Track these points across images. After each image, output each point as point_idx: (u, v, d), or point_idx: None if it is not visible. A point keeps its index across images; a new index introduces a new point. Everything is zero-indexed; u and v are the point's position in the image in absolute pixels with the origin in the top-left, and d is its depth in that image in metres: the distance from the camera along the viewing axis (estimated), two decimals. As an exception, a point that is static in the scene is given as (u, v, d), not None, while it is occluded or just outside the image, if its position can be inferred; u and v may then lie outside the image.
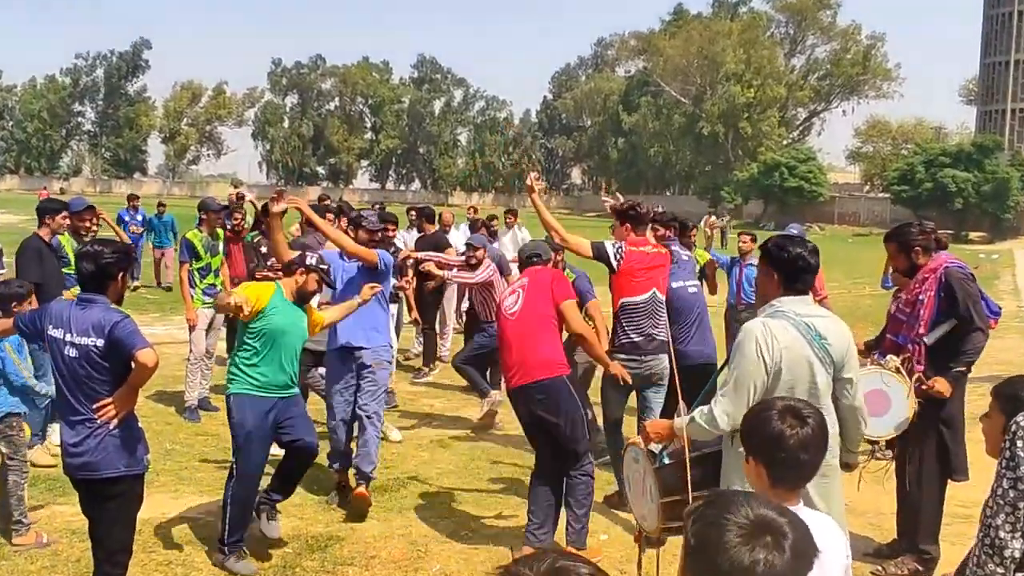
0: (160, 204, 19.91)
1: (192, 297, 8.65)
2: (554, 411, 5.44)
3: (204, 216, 9.06)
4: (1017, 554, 2.36)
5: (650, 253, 6.48)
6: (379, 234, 6.91)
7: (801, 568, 1.69)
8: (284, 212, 6.16)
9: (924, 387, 5.25)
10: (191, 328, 8.72)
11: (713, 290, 9.49)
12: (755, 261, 10.21)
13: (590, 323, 6.87)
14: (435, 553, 5.62)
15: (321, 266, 5.70)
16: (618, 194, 7.47)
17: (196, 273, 8.74)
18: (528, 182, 6.74)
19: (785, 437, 2.52)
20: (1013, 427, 2.38)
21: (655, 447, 4.29)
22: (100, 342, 4.09)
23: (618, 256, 6.29)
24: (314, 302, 5.86)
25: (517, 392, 5.60)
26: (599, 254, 6.30)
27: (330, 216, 8.89)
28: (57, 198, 6.14)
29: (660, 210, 8.34)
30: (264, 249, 8.98)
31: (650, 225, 6.96)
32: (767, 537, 1.67)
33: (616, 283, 6.39)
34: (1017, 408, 2.81)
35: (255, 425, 5.33)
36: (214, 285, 8.83)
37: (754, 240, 10.43)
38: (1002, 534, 2.35)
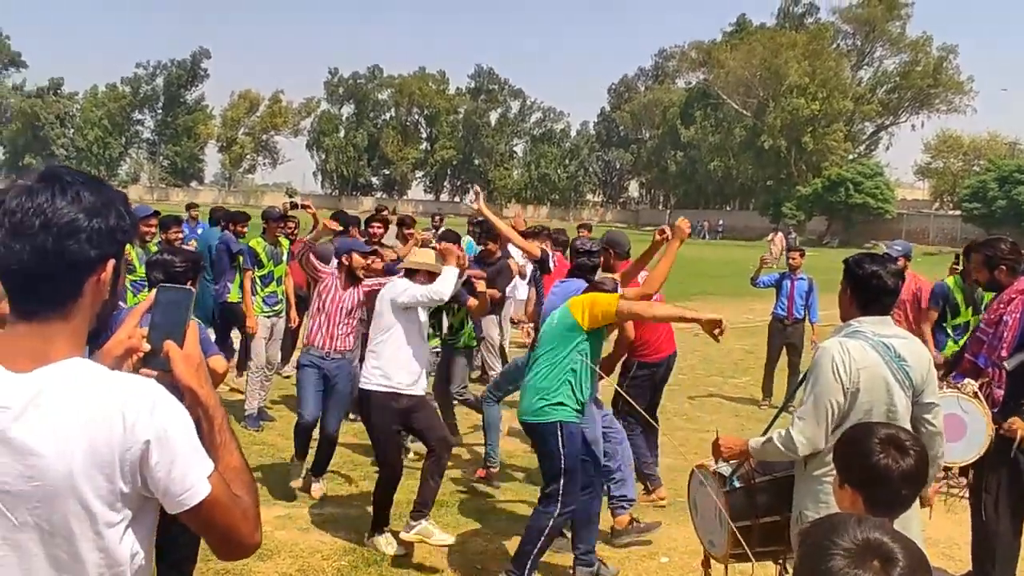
0: (190, 205, 17.33)
1: (253, 304, 8.82)
2: None
3: (266, 225, 9.25)
4: None
5: (564, 260, 8.08)
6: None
7: None
8: None
9: (1003, 431, 5.15)
10: (251, 336, 8.86)
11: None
12: (805, 276, 10.47)
13: None
14: (492, 571, 5.64)
15: None
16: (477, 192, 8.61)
17: (258, 281, 8.90)
18: (472, 198, 8.19)
19: (890, 471, 2.51)
20: None
21: (725, 470, 4.26)
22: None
23: (553, 260, 7.80)
24: None
25: (667, 360, 7.26)
26: (543, 257, 7.54)
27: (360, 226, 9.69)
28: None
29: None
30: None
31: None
32: (874, 561, 1.65)
33: (549, 283, 7.22)
34: None
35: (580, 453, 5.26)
36: (275, 294, 8.97)
37: (802, 255, 11.03)
38: None
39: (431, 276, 6.03)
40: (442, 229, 14.78)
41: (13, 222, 1.65)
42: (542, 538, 5.11)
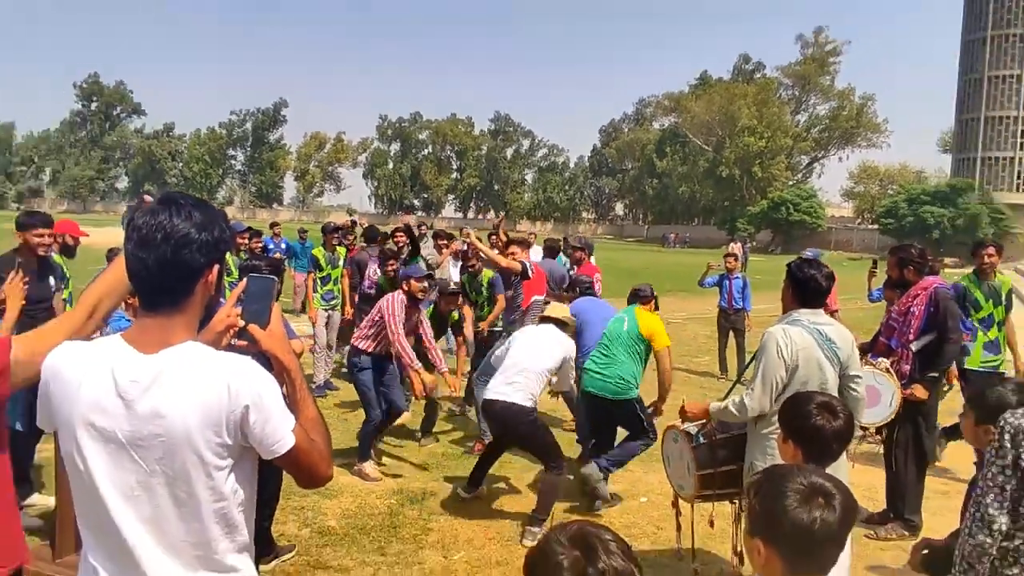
0: (302, 230, 15.74)
1: (314, 299, 8.88)
2: None
3: (324, 237, 9.33)
4: (1004, 527, 2.27)
5: (540, 269, 7.84)
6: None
7: (849, 521, 1.67)
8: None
9: (905, 394, 5.16)
10: (313, 324, 8.91)
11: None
12: (740, 275, 10.57)
13: None
14: (510, 510, 5.65)
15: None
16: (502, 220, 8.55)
17: (318, 281, 8.97)
18: (466, 236, 7.95)
19: (824, 430, 2.51)
20: (1001, 423, 2.28)
21: (692, 428, 4.26)
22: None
23: (531, 267, 7.38)
24: None
25: None
26: (524, 268, 7.22)
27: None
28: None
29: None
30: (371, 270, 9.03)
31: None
32: (820, 499, 1.66)
33: (528, 286, 7.39)
34: (982, 410, 2.74)
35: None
36: (331, 291, 9.01)
37: (737, 260, 11.09)
38: (991, 510, 2.25)
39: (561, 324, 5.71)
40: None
41: (140, 236, 1.68)
42: (639, 452, 5.80)
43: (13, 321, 3.75)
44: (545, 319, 5.78)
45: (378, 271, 8.73)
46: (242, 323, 1.85)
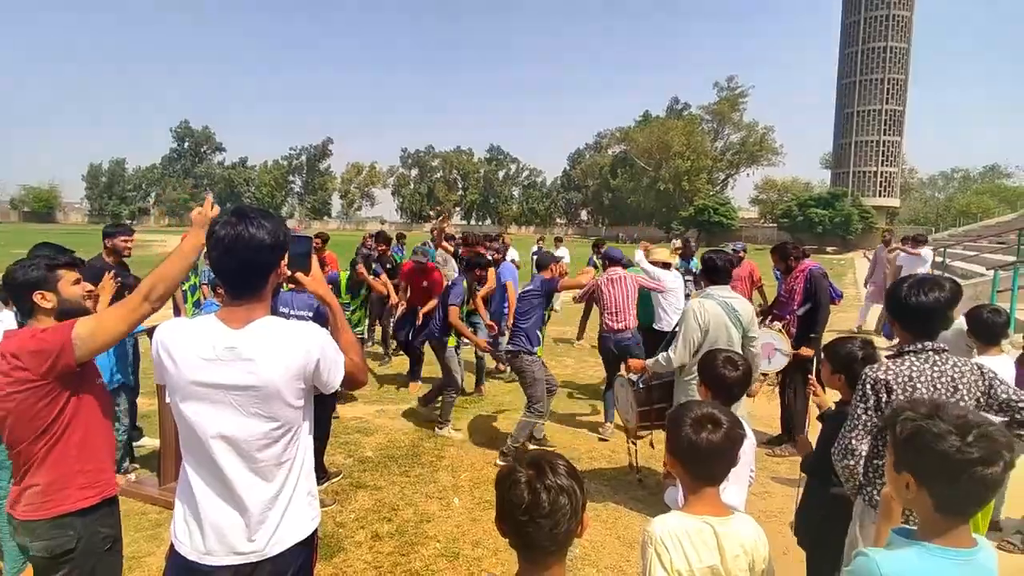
0: (400, 235, 11.50)
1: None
2: None
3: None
4: (864, 451, 2.26)
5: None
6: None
7: (731, 444, 1.68)
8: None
9: (795, 353, 5.19)
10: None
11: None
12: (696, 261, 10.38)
13: None
14: (500, 443, 5.63)
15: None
16: (444, 215, 8.19)
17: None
18: (441, 221, 7.94)
19: (727, 377, 2.53)
20: (863, 376, 2.25)
21: (633, 377, 4.28)
22: (310, 315, 4.18)
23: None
24: None
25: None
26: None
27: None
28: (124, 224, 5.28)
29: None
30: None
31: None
32: (710, 424, 1.69)
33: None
34: (835, 361, 2.67)
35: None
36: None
37: (688, 247, 10.73)
38: (853, 442, 2.24)
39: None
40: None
41: (224, 245, 1.69)
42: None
43: (107, 304, 3.73)
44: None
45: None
46: (288, 273, 1.87)
